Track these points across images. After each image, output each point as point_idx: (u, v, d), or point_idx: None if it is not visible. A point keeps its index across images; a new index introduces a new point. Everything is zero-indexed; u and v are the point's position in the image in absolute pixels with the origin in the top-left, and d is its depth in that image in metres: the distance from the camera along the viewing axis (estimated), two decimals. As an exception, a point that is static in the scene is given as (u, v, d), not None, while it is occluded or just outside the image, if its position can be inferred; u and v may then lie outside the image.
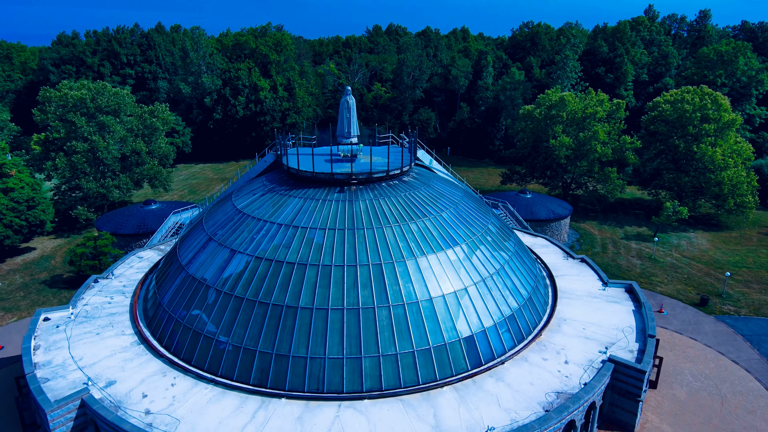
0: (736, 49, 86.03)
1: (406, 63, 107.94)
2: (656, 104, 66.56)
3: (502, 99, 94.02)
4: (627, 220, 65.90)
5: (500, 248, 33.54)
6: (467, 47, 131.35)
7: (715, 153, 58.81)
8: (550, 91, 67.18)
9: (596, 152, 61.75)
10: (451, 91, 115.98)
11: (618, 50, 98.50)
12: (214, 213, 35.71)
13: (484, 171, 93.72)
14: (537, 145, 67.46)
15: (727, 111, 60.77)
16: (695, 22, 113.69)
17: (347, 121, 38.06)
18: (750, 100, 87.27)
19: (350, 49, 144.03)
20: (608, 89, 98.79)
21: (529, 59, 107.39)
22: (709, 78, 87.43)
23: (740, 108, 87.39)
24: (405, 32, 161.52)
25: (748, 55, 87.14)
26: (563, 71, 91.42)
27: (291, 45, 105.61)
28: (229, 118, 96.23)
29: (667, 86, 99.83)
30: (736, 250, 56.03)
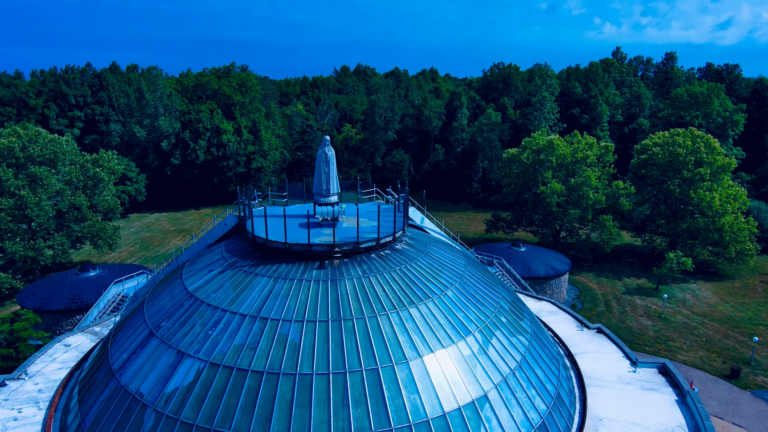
0: (710, 90, 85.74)
1: (378, 104, 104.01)
2: (645, 147, 63.61)
3: (480, 141, 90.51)
4: (623, 270, 61.47)
5: (517, 331, 27.43)
6: (438, 88, 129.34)
7: (714, 198, 55.52)
8: (536, 134, 63.41)
9: (589, 199, 57.59)
10: (425, 132, 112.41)
11: (592, 91, 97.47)
12: (158, 295, 28.36)
13: (464, 216, 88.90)
14: (525, 191, 63.00)
15: (720, 154, 58.09)
16: (662, 64, 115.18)
17: (326, 177, 31.84)
18: (727, 140, 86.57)
19: (318, 90, 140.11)
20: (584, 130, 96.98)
21: (503, 100, 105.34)
22: (686, 119, 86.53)
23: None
24: (373, 73, 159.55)
25: (721, 96, 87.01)
26: (540, 112, 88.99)
27: (256, 85, 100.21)
28: (189, 163, 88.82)
29: (642, 127, 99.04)
30: (745, 304, 51.92)
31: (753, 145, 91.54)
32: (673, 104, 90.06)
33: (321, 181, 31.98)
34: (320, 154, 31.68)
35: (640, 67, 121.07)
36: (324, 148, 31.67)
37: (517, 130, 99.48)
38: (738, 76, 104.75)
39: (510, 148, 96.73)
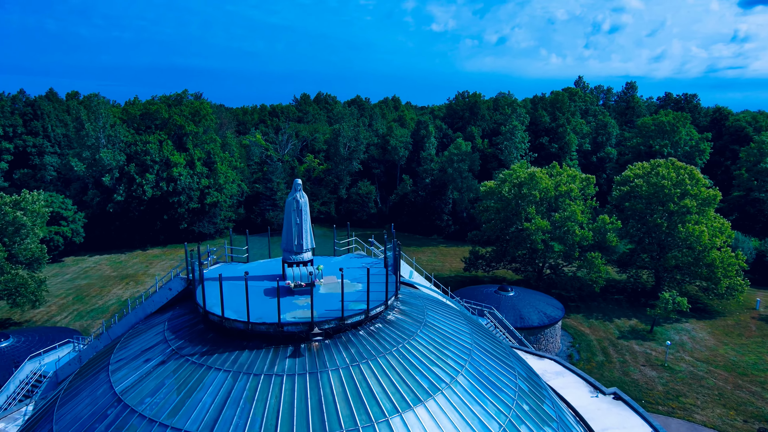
0: (677, 120, 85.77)
1: (342, 133, 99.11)
2: (626, 179, 61.11)
3: (450, 171, 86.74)
4: (611, 309, 57.77)
5: (543, 420, 21.96)
6: (402, 116, 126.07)
7: (703, 232, 52.96)
8: (515, 166, 59.79)
9: (575, 235, 53.89)
10: (391, 163, 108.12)
11: (559, 120, 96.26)
12: (76, 395, 21.31)
13: (436, 251, 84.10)
14: (506, 226, 58.82)
15: (705, 186, 56.02)
16: (623, 93, 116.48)
17: (298, 230, 25.96)
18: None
19: (277, 118, 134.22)
20: (553, 159, 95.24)
21: (471, 129, 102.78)
22: (655, 148, 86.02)
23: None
24: (335, 101, 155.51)
25: (687, 125, 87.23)
26: (511, 142, 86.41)
27: (211, 114, 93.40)
28: (135, 200, 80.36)
29: (610, 156, 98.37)
30: (744, 345, 48.85)
31: (716, 174, 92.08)
32: (641, 133, 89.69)
33: (291, 234, 25.97)
34: (290, 201, 25.74)
35: (601, 96, 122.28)
36: (295, 194, 25.80)
37: (485, 159, 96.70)
38: (697, 105, 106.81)
39: (480, 178, 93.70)
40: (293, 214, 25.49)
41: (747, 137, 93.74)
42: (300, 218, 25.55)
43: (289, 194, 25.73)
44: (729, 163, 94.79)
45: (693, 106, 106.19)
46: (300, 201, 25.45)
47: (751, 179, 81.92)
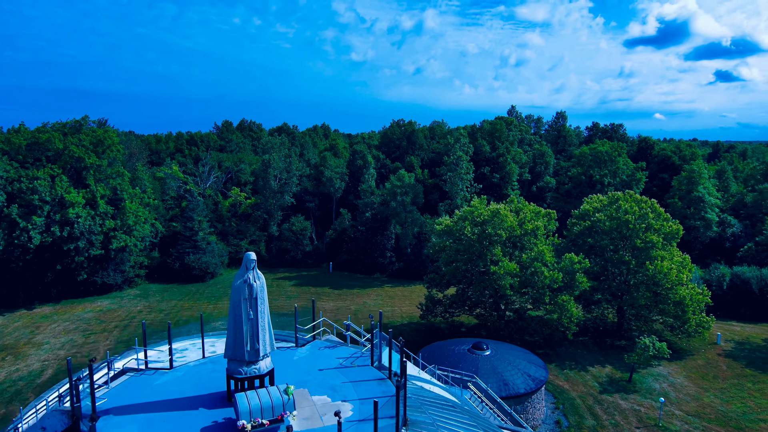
0: (614, 149, 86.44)
1: (272, 164, 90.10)
2: (585, 213, 58.13)
3: (393, 205, 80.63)
4: (581, 355, 53.50)
5: None
6: (334, 145, 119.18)
7: (672, 269, 50.44)
8: (476, 202, 54.60)
9: (545, 277, 49.20)
10: (326, 195, 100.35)
11: (499, 149, 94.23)
12: None
13: (381, 293, 76.80)
14: (469, 269, 53.08)
15: (668, 220, 54.06)
16: (554, 123, 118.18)
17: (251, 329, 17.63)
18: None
19: (197, 147, 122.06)
20: (495, 190, 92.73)
21: (410, 159, 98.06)
22: (595, 177, 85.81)
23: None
24: (260, 128, 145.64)
25: (623, 154, 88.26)
26: (455, 173, 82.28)
27: (117, 144, 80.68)
28: (18, 248, 65.78)
29: (549, 185, 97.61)
30: (725, 391, 46.04)
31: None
32: (580, 162, 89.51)
33: (242, 335, 17.50)
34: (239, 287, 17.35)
35: (532, 125, 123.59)
36: (246, 275, 17.52)
37: (426, 191, 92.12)
38: (624, 135, 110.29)
39: (423, 211, 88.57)
40: (244, 305, 17.17)
41: (673, 166, 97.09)
42: (255, 311, 17.28)
43: (236, 276, 17.48)
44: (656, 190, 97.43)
45: (620, 136, 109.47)
46: (254, 285, 17.26)
47: (684, 207, 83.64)
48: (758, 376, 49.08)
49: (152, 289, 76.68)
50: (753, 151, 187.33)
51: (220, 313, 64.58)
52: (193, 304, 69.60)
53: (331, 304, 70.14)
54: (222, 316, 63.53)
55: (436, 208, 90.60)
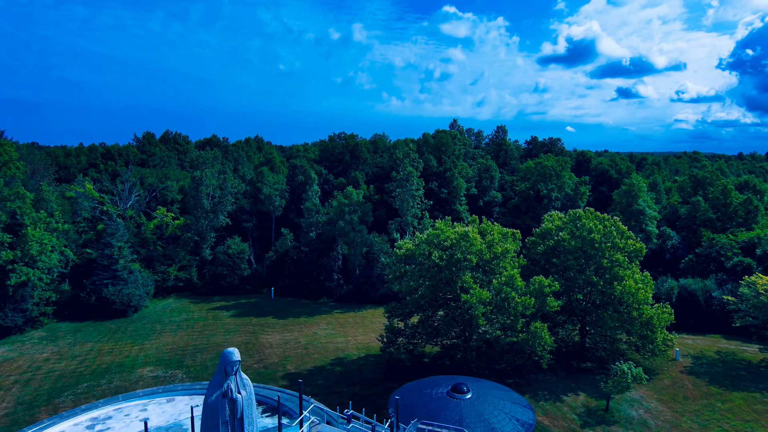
0: (559, 164, 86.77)
1: (205, 181, 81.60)
2: (547, 232, 56.13)
3: (341, 224, 75.20)
4: (551, 381, 50.87)
5: None
6: (271, 159, 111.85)
7: (640, 289, 49.23)
8: (441, 223, 50.61)
9: (517, 303, 46.04)
10: (264, 214, 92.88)
11: (446, 163, 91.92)
12: None
13: (332, 320, 70.82)
14: (436, 298, 48.87)
15: (631, 238, 53.11)
16: (495, 136, 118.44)
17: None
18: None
19: (114, 162, 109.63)
20: (443, 205, 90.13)
21: (354, 174, 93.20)
22: (543, 192, 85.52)
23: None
24: (187, 141, 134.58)
25: (567, 168, 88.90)
26: (406, 189, 78.47)
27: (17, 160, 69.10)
28: None
29: (495, 200, 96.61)
30: (699, 413, 44.97)
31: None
32: (526, 177, 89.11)
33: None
34: (215, 405, 11.58)
35: (473, 139, 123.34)
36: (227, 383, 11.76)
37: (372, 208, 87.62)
38: (562, 149, 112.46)
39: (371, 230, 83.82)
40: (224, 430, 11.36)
41: (611, 179, 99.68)
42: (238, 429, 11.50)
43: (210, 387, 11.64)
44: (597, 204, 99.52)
45: (559, 150, 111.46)
46: (239, 400, 11.54)
47: (626, 221, 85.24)
48: (724, 394, 48.73)
49: (62, 330, 65.62)
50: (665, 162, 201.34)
51: (147, 357, 55.74)
52: (114, 345, 59.89)
53: (277, 337, 63.22)
54: (151, 360, 54.82)
55: (384, 226, 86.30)
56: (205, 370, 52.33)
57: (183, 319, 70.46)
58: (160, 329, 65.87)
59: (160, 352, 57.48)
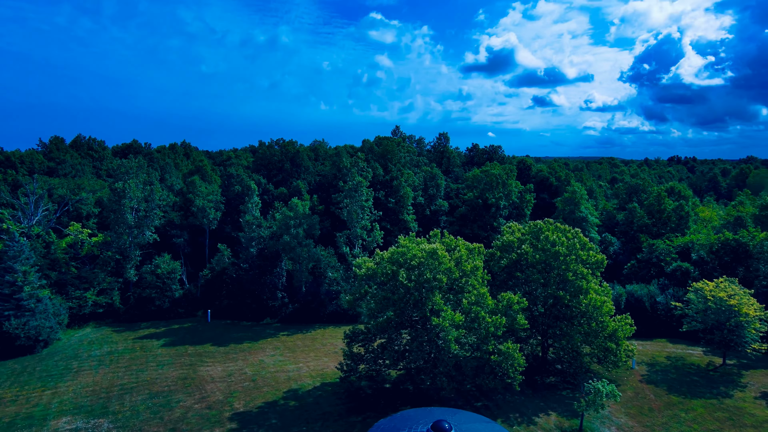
0: (506, 172, 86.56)
1: (128, 193, 72.61)
2: (508, 245, 54.42)
3: (287, 239, 69.60)
4: (519, 401, 48.84)
5: None
6: (202, 167, 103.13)
7: (606, 302, 48.52)
8: (404, 240, 46.98)
9: (488, 324, 43.46)
10: (197, 228, 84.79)
11: (392, 172, 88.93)
12: None
13: (279, 344, 64.95)
14: (402, 321, 45.13)
15: (593, 249, 52.50)
16: (437, 144, 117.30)
17: None
18: (525, 219, 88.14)
19: (15, 170, 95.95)
20: (391, 215, 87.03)
21: (297, 183, 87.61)
22: (491, 200, 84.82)
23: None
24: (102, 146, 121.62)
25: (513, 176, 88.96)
26: (354, 200, 74.34)
27: None
28: None
29: (442, 208, 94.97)
30: (667, 426, 44.63)
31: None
32: (473, 185, 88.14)
33: None
34: None
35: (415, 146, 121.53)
36: None
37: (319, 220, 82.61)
38: (503, 156, 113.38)
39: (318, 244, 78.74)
40: None
41: (551, 186, 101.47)
42: None
43: None
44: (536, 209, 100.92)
45: (499, 157, 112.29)
46: None
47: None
48: (685, 403, 49.09)
49: (-50, 375, 54.69)
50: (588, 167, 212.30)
51: (62, 404, 47.21)
52: (20, 391, 50.48)
53: (218, 368, 56.52)
54: (68, 408, 46.41)
55: (329, 238, 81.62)
56: (137, 416, 44.96)
57: (105, 352, 61.52)
58: (78, 367, 56.82)
59: (79, 396, 49.04)
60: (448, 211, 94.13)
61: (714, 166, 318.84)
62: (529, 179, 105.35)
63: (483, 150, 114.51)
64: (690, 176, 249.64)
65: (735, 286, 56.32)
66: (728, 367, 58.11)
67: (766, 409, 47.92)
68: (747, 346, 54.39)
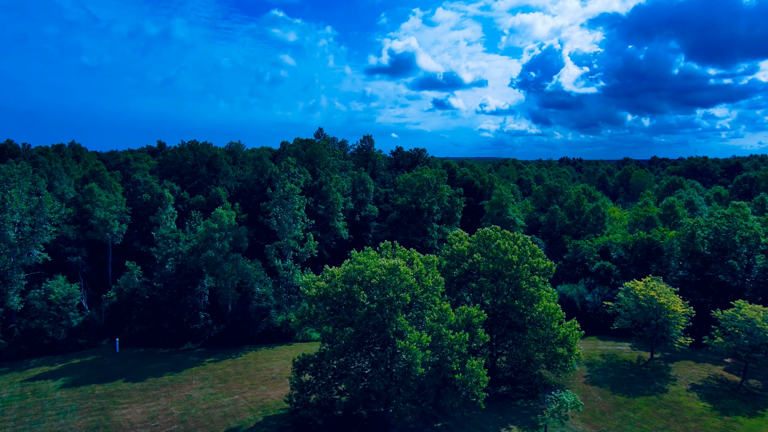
0: (437, 176, 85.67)
1: (10, 206, 60.58)
2: (459, 254, 52.70)
3: (212, 254, 62.26)
4: (480, 419, 47.15)
5: None
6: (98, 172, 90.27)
7: (558, 310, 48.45)
8: (360, 255, 42.98)
9: (451, 341, 41.09)
10: (98, 244, 73.62)
11: (321, 177, 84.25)
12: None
13: (206, 374, 57.59)
14: (361, 344, 41.13)
15: (541, 256, 52.33)
16: (361, 147, 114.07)
17: None
18: (456, 224, 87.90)
19: None
20: (322, 222, 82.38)
21: (216, 191, 79.54)
22: (424, 205, 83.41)
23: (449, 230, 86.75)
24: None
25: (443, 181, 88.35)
26: (286, 208, 68.65)
27: None
28: None
29: (372, 213, 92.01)
30: (621, 429, 45.34)
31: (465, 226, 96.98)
32: (405, 189, 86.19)
33: None
34: None
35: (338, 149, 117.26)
36: None
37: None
38: (428, 159, 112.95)
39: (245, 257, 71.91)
40: None
41: (476, 189, 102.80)
42: None
43: None
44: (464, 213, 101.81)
45: (424, 160, 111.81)
46: None
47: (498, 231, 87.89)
48: (630, 402, 50.49)
49: None
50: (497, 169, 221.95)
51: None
52: None
53: (138, 411, 48.37)
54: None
55: (255, 250, 74.99)
56: (38, 486, 36.34)
57: None
58: (-53, 426, 45.62)
59: (-46, 467, 39.00)
60: (378, 217, 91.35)
61: (598, 167, 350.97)
62: (454, 183, 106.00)
63: (407, 153, 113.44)
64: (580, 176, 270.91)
65: (662, 285, 59.55)
66: (656, 360, 61.44)
67: (699, 401, 50.79)
68: (674, 341, 57.61)
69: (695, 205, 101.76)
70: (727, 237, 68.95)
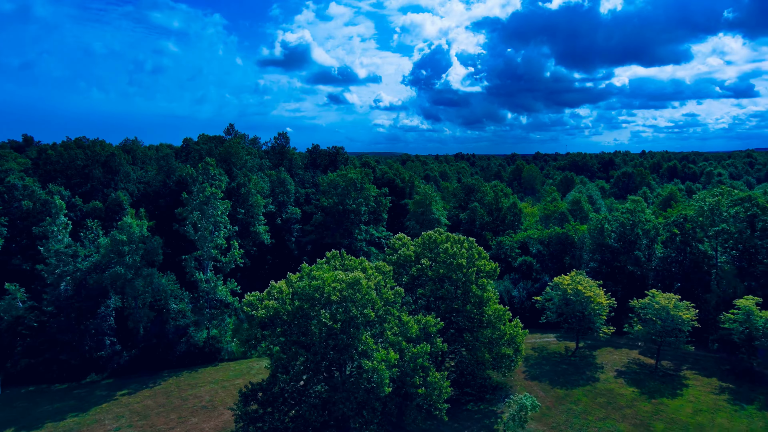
0: (363, 175, 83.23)
1: None
2: (405, 259, 50.91)
3: (121, 270, 53.93)
4: (436, 428, 45.90)
5: None
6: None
7: (507, 311, 48.69)
8: (314, 269, 39.04)
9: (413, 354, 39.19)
10: (-35, 262, 60.51)
11: (239, 178, 77.72)
12: None
13: (121, 410, 49.74)
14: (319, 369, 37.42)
15: (486, 258, 52.24)
16: (276, 144, 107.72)
17: None
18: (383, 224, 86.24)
19: None
20: (242, 228, 76.17)
21: (117, 195, 69.51)
22: (351, 206, 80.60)
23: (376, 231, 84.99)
24: None
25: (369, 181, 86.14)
26: (205, 215, 61.77)
27: None
28: None
29: (295, 215, 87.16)
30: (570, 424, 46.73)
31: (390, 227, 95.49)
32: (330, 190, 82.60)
33: None
34: None
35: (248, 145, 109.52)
36: None
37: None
38: (346, 158, 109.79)
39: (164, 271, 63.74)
40: None
41: (397, 187, 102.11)
42: None
43: None
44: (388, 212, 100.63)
45: (344, 158, 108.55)
46: None
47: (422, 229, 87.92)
48: (570, 395, 52.49)
49: None
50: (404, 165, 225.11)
51: None
52: None
53: (40, 467, 40.06)
54: None
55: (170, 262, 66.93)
56: None
57: None
58: None
59: None
60: (301, 219, 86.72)
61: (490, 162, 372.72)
62: (376, 182, 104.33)
63: (325, 151, 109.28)
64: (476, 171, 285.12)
65: (587, 279, 62.99)
66: (581, 350, 65.05)
67: (627, 386, 54.30)
68: (599, 330, 61.28)
69: (593, 199, 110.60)
70: (632, 230, 75.10)
